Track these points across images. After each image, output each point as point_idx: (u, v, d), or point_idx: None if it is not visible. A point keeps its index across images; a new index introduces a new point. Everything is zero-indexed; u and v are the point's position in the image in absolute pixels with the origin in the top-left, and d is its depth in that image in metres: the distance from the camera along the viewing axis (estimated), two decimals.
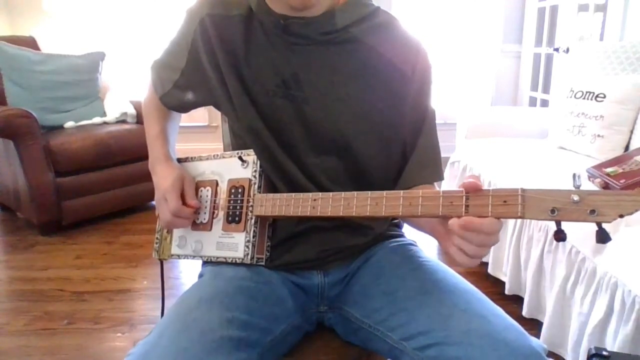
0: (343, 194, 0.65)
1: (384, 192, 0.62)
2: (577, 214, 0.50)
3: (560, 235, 0.54)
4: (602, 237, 0.51)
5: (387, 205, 0.62)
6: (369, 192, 0.63)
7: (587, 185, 1.53)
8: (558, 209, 0.51)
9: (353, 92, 0.74)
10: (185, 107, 0.90)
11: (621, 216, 0.48)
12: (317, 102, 0.74)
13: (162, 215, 0.80)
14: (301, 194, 0.70)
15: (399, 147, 0.79)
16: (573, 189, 0.51)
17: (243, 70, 0.76)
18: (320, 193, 0.68)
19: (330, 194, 0.67)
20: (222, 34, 0.76)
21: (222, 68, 0.77)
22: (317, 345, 0.82)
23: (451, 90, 3.78)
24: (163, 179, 0.81)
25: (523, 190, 0.53)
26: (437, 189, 0.82)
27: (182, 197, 0.80)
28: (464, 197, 0.56)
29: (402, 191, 0.61)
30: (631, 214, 0.48)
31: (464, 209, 0.56)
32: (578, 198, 0.50)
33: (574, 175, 0.52)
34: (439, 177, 0.81)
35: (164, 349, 0.61)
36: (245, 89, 0.76)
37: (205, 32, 0.77)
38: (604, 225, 0.51)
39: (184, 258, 0.84)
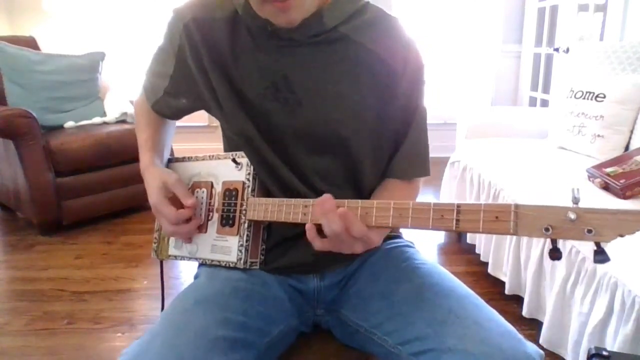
0: (347, 201, 0.64)
1: (375, 202, 0.61)
2: (573, 233, 0.47)
3: (555, 254, 0.51)
4: (601, 257, 0.48)
5: (378, 215, 0.60)
6: (360, 200, 0.62)
7: (587, 189, 1.53)
8: (553, 226, 0.48)
9: (345, 91, 0.74)
10: (177, 114, 0.89)
11: (621, 236, 0.45)
12: (310, 103, 0.73)
13: (165, 228, 0.79)
14: (292, 199, 0.69)
15: (391, 145, 0.79)
16: (571, 205, 0.48)
17: (232, 73, 0.75)
18: (311, 200, 0.67)
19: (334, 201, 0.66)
20: (208, 37, 0.75)
21: (209, 72, 0.75)
22: (315, 348, 0.82)
23: (451, 90, 3.79)
24: (149, 191, 0.80)
25: (516, 206, 0.50)
26: (419, 185, 0.83)
27: (176, 201, 0.77)
28: (455, 211, 0.54)
29: (392, 201, 0.60)
30: (632, 234, 0.45)
31: (454, 224, 0.54)
32: (575, 216, 0.47)
33: (573, 189, 0.49)
34: (424, 173, 0.81)
35: (158, 348, 0.61)
36: (235, 92, 0.75)
37: (191, 37, 0.75)
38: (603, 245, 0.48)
39: (181, 259, 0.84)
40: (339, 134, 0.75)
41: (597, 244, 0.48)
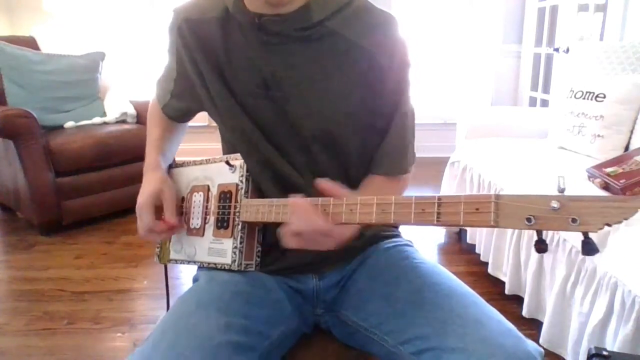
0: (320, 200, 0.64)
1: (358, 198, 0.61)
2: (557, 223, 0.45)
3: (540, 246, 0.49)
4: (588, 248, 0.46)
5: (361, 212, 0.60)
6: (345, 198, 0.62)
7: (586, 188, 1.52)
8: (535, 217, 0.46)
9: (333, 87, 0.74)
10: (183, 117, 0.91)
11: (608, 225, 0.43)
12: (298, 100, 0.74)
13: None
14: (282, 200, 0.69)
15: (378, 140, 0.79)
16: (556, 193, 0.46)
17: (225, 72, 0.76)
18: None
19: (308, 200, 0.66)
20: (200, 38, 0.76)
21: (203, 71, 0.77)
22: (315, 348, 0.82)
23: (451, 90, 3.78)
24: (143, 190, 0.81)
25: (497, 196, 0.49)
26: (405, 183, 0.83)
27: (162, 210, 0.79)
28: (436, 204, 0.53)
29: (375, 197, 0.59)
30: (619, 222, 0.43)
31: (435, 217, 0.53)
32: (558, 205, 0.45)
33: (559, 178, 0.47)
34: (402, 171, 0.81)
35: (162, 356, 0.61)
36: (229, 90, 0.76)
37: (185, 39, 0.77)
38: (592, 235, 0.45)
39: (181, 263, 0.85)
40: (328, 129, 0.75)
41: (585, 234, 0.46)
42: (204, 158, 0.86)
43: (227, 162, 0.79)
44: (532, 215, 0.46)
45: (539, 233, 0.49)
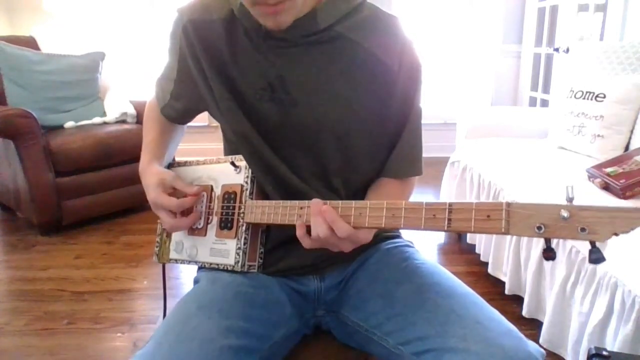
0: (328, 202, 0.65)
1: (368, 202, 0.61)
2: (566, 232, 0.46)
3: (549, 254, 0.50)
4: (595, 257, 0.46)
5: (371, 216, 0.60)
6: (353, 202, 0.63)
7: (587, 189, 1.53)
8: (545, 225, 0.47)
9: (340, 90, 0.73)
10: (183, 118, 0.90)
11: (616, 235, 0.44)
12: (305, 104, 0.73)
13: (166, 222, 0.78)
14: (289, 202, 0.69)
15: (388, 144, 0.79)
16: (565, 202, 0.47)
17: (229, 74, 0.75)
18: (306, 201, 0.67)
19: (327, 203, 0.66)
20: (205, 39, 0.75)
21: (207, 73, 0.76)
22: (316, 349, 0.82)
23: (451, 90, 3.79)
24: (147, 189, 0.81)
25: (508, 204, 0.49)
26: (413, 183, 0.84)
27: (175, 196, 0.78)
28: (447, 210, 0.54)
29: (385, 202, 0.60)
30: (627, 232, 0.44)
31: (446, 223, 0.54)
32: (568, 214, 0.46)
33: (567, 187, 0.48)
34: (416, 173, 0.81)
35: (163, 359, 0.61)
36: (232, 92, 0.76)
37: (189, 39, 0.76)
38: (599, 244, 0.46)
39: (181, 263, 0.84)
40: (335, 133, 0.75)
41: (592, 243, 0.47)
42: (207, 158, 0.85)
43: (232, 163, 0.78)
44: (542, 223, 0.47)
45: (548, 241, 0.50)
